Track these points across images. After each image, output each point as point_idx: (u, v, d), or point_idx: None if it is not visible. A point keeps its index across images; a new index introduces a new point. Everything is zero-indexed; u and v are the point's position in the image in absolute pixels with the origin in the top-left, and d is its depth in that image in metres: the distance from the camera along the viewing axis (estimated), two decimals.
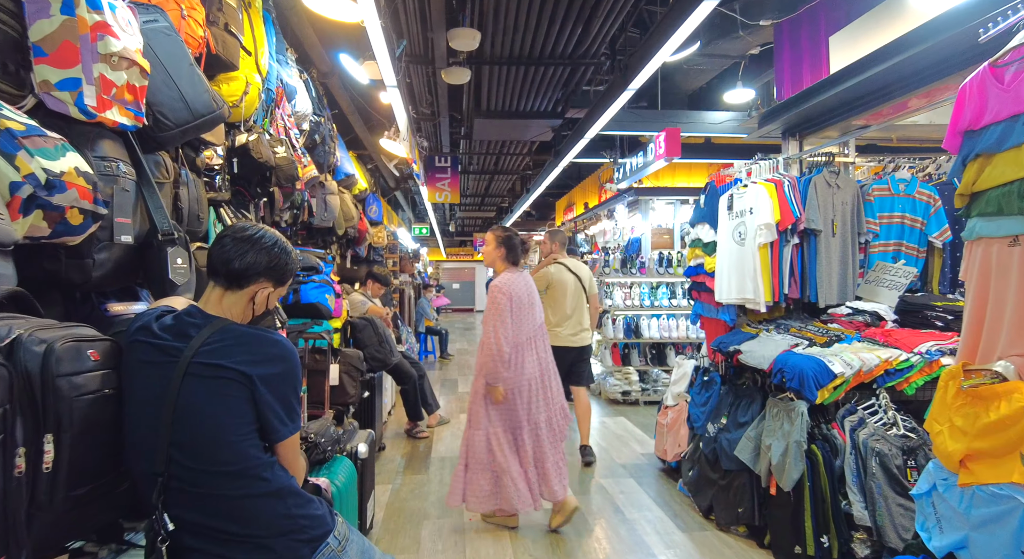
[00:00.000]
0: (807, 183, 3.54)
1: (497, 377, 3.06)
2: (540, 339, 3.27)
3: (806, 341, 3.14)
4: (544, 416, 3.21)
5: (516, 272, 3.24)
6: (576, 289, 4.55)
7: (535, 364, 3.19)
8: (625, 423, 5.76)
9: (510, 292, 3.09)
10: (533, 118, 6.42)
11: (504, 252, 3.25)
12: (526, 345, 3.16)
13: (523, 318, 3.14)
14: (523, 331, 3.14)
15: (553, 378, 3.32)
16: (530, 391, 3.15)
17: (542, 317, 3.35)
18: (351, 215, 5.67)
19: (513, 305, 3.08)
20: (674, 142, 5.00)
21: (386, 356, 4.48)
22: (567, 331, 4.50)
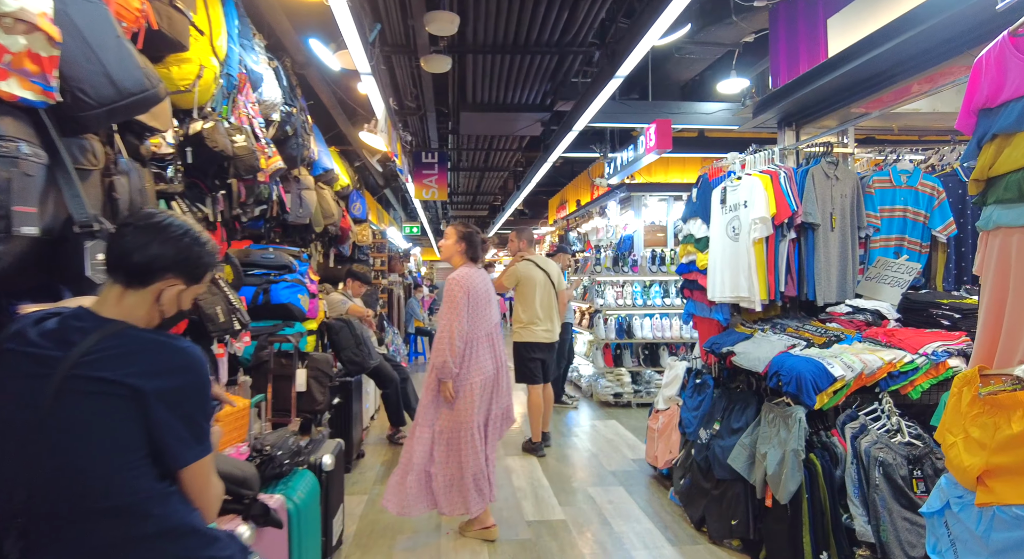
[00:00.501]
0: (804, 174, 3.36)
1: (448, 373, 2.98)
2: (496, 337, 3.23)
3: (804, 342, 2.96)
4: (495, 414, 3.20)
5: (474, 268, 3.20)
6: (545, 285, 4.66)
7: (490, 361, 3.15)
8: (616, 427, 5.57)
9: (468, 287, 3.05)
10: (521, 111, 6.22)
11: (464, 247, 3.21)
12: (482, 341, 3.11)
13: (480, 314, 3.09)
14: (480, 327, 3.09)
15: (505, 377, 3.29)
16: (483, 388, 3.09)
17: (499, 316, 3.31)
18: (331, 212, 5.46)
19: (470, 300, 3.04)
20: (665, 134, 4.81)
21: (364, 359, 4.28)
22: (540, 327, 4.63)
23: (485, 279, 3.24)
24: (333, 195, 5.91)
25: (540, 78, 5.48)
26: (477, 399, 3.05)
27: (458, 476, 3.01)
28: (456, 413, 3.04)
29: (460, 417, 3.04)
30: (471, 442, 3.04)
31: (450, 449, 3.03)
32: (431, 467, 3.04)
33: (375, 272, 9.78)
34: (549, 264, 4.79)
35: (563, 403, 6.53)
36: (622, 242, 7.84)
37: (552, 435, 5.29)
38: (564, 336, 6.59)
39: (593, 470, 4.29)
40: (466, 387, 3.04)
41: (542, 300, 4.63)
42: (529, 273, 4.65)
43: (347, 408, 4.21)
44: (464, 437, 3.03)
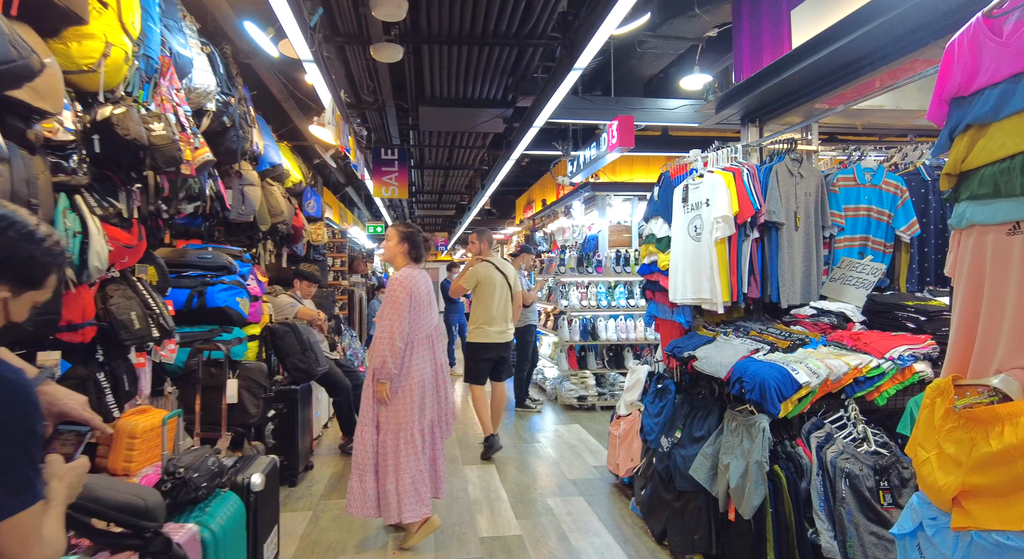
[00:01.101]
0: (768, 172, 3.25)
1: (387, 374, 2.92)
2: (437, 339, 3.20)
3: (767, 346, 2.83)
4: (436, 416, 3.17)
5: (417, 269, 3.16)
6: (503, 287, 4.73)
7: (430, 364, 3.11)
8: (579, 431, 5.42)
9: (410, 287, 3.01)
10: (482, 107, 6.02)
11: (406, 248, 3.16)
12: (423, 344, 3.07)
13: (421, 316, 3.06)
14: (421, 329, 3.06)
15: (447, 380, 3.28)
16: (423, 391, 3.05)
17: (437, 318, 3.29)
18: (280, 209, 5.18)
19: (412, 301, 3.00)
20: (627, 131, 4.68)
21: (311, 366, 4.03)
22: (495, 328, 4.69)
23: (427, 281, 3.19)
24: (284, 192, 5.62)
25: (500, 72, 5.30)
26: (416, 401, 3.01)
27: (394, 480, 2.93)
28: (394, 415, 2.98)
29: (398, 419, 2.97)
30: (410, 445, 2.97)
31: (387, 452, 2.96)
32: (372, 466, 3.00)
33: (334, 273, 9.47)
34: (507, 266, 4.86)
35: (527, 407, 6.36)
36: (587, 242, 7.72)
37: (514, 441, 5.11)
38: (528, 338, 6.44)
39: (553, 479, 4.12)
40: (404, 389, 2.99)
41: (499, 302, 4.69)
42: (488, 275, 4.69)
43: (292, 418, 3.96)
44: (403, 439, 2.97)
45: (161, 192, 2.64)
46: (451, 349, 8.97)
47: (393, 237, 3.18)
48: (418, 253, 3.18)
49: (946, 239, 3.39)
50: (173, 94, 2.79)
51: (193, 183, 3.08)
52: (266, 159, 4.76)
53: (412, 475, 2.94)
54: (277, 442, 3.92)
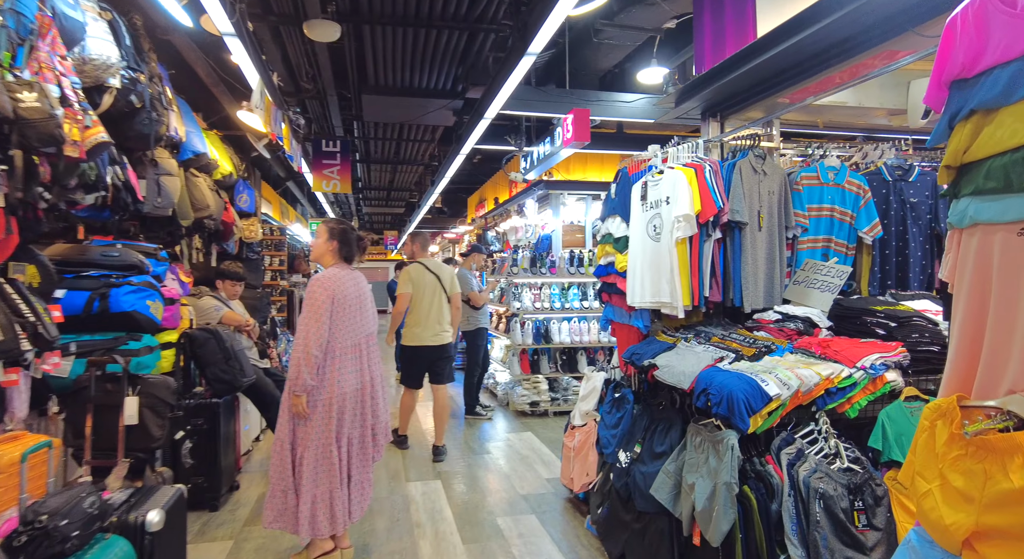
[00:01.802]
0: (731, 168, 3.07)
1: (303, 385, 2.64)
2: (368, 349, 2.92)
3: (732, 353, 2.65)
4: (358, 433, 2.88)
5: (347, 269, 2.90)
6: (435, 288, 4.69)
7: (355, 376, 2.82)
8: (532, 440, 5.18)
9: (333, 290, 2.73)
10: (430, 97, 5.70)
11: (336, 246, 2.91)
12: (348, 353, 2.79)
13: (348, 321, 2.79)
14: (346, 336, 2.78)
15: (379, 395, 3.00)
16: (343, 405, 2.77)
17: (374, 325, 3.01)
18: (205, 203, 4.73)
19: (336, 305, 2.73)
20: (583, 125, 4.46)
21: (235, 376, 3.64)
22: (427, 331, 4.65)
23: (359, 283, 2.92)
24: (211, 184, 5.15)
25: (449, 60, 5.00)
26: (335, 416, 2.73)
27: (309, 499, 2.68)
28: (310, 430, 2.71)
29: (314, 435, 2.71)
30: (325, 462, 2.72)
31: (304, 469, 2.69)
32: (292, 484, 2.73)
33: (272, 272, 8.94)
34: (441, 268, 4.83)
35: (477, 415, 6.08)
36: (540, 242, 7.50)
37: (463, 452, 4.83)
38: (478, 342, 6.17)
39: (504, 495, 3.85)
40: (323, 402, 2.72)
41: (432, 304, 4.67)
42: (420, 277, 4.67)
43: (213, 434, 3.56)
44: (320, 456, 2.71)
45: (37, 177, 2.22)
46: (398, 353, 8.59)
47: (322, 234, 2.91)
48: (349, 252, 2.92)
49: (906, 241, 3.32)
50: (56, 62, 2.37)
51: (88, 169, 2.67)
52: (189, 147, 4.31)
53: (325, 493, 2.70)
54: (196, 462, 3.52)
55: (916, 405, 2.43)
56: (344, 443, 2.78)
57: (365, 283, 2.97)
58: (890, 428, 2.33)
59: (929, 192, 3.30)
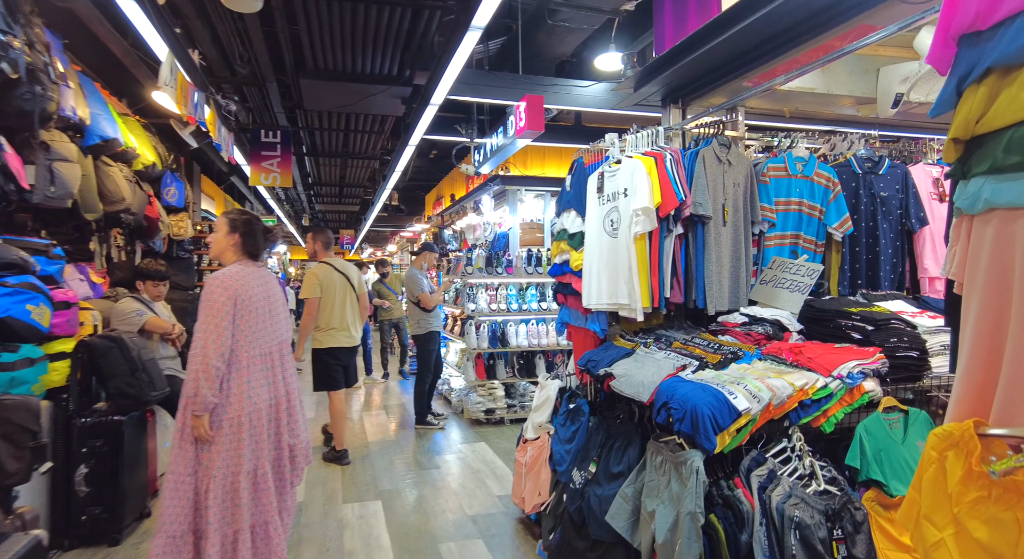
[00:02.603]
0: (693, 157, 2.83)
1: (203, 403, 2.27)
2: (281, 358, 2.57)
3: (695, 361, 2.40)
4: (273, 456, 2.50)
5: (252, 266, 2.54)
6: (344, 288, 4.59)
7: (267, 389, 2.47)
8: (485, 452, 4.87)
9: (235, 290, 2.38)
10: (376, 83, 5.34)
11: (239, 240, 2.55)
12: (257, 363, 2.44)
13: (255, 326, 2.44)
14: (254, 343, 2.43)
15: (297, 410, 2.64)
16: (254, 423, 2.39)
17: (288, 331, 2.67)
18: (119, 195, 4.27)
19: (240, 307, 2.38)
20: (537, 113, 4.18)
21: (142, 390, 3.22)
22: (340, 332, 4.55)
23: (267, 282, 2.56)
24: (130, 175, 4.69)
25: (393, 42, 4.66)
26: (245, 437, 2.35)
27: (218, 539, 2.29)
28: (214, 456, 2.32)
29: (221, 462, 2.32)
30: (239, 493, 2.33)
31: (209, 504, 2.30)
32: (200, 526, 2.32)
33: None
34: (349, 268, 4.73)
35: (428, 424, 5.73)
36: (496, 240, 7.20)
37: (409, 467, 4.49)
38: (430, 346, 5.83)
39: (450, 516, 3.53)
40: (229, 422, 2.34)
41: (341, 305, 4.55)
42: (328, 277, 4.53)
43: (114, 457, 3.13)
44: (230, 486, 2.33)
45: None
46: None
47: (222, 227, 2.54)
48: (255, 246, 2.56)
49: (877, 237, 3.14)
50: None
51: None
52: (95, 131, 3.85)
53: (244, 529, 2.33)
54: (93, 490, 3.10)
55: (895, 416, 2.22)
56: (259, 470, 2.41)
57: (275, 282, 2.62)
58: (868, 443, 2.11)
59: (900, 186, 3.13)
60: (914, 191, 3.13)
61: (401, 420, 6.10)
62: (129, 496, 3.23)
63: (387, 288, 8.49)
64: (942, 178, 3.24)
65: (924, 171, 3.24)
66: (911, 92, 2.78)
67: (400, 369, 8.65)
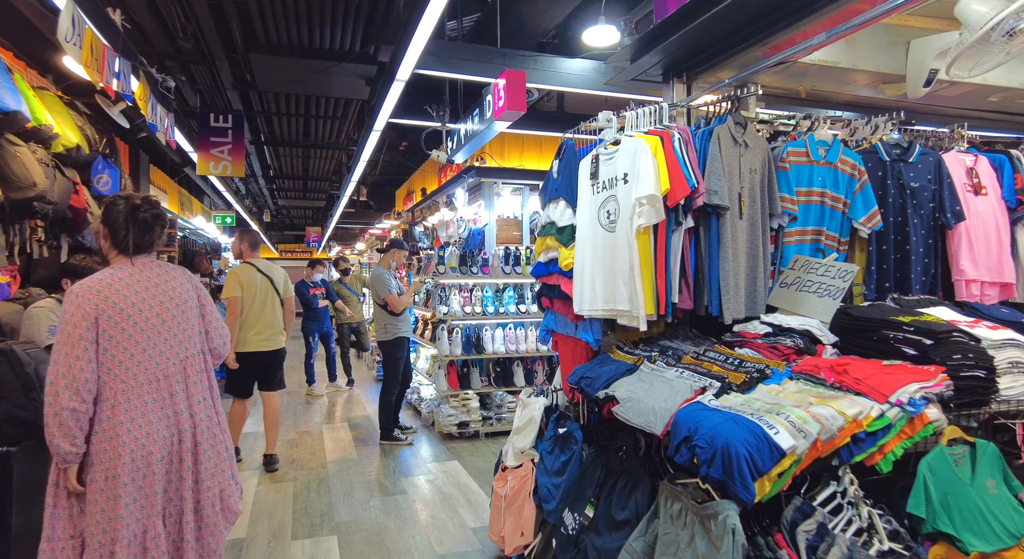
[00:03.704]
0: (706, 137, 2.44)
1: (62, 456, 1.82)
2: (185, 379, 2.08)
3: (715, 380, 2.00)
4: (175, 509, 2.01)
5: (135, 266, 2.04)
6: (265, 289, 4.50)
7: (162, 423, 1.99)
8: (458, 473, 4.42)
9: (95, 305, 1.90)
10: (334, 59, 4.84)
11: (106, 232, 2.05)
12: (145, 392, 1.95)
13: (139, 345, 1.96)
14: (139, 368, 1.95)
15: (208, 445, 2.11)
16: (138, 474, 1.91)
17: (198, 343, 2.17)
18: (29, 181, 3.74)
19: (107, 325, 1.91)
20: (518, 91, 3.74)
21: (37, 413, 2.67)
22: (257, 336, 4.45)
23: (162, 284, 2.08)
24: (46, 158, 4.12)
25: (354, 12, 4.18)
26: (128, 493, 1.87)
27: None
28: (88, 521, 1.86)
29: (93, 525, 1.85)
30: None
31: None
32: None
33: None
34: (272, 268, 4.64)
35: (395, 440, 5.26)
36: (471, 237, 6.75)
37: (370, 492, 4.02)
38: (397, 353, 5.35)
39: (415, 555, 3.08)
40: (103, 474, 1.86)
41: (264, 307, 4.46)
42: (249, 278, 4.43)
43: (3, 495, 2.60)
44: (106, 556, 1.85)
45: None
46: (309, 364, 7.64)
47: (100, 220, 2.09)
48: (134, 237, 2.02)
49: (907, 234, 2.78)
50: None
51: None
52: None
53: None
54: None
55: (960, 451, 1.85)
56: (160, 529, 1.94)
57: (180, 281, 2.14)
58: (934, 486, 1.73)
59: (932, 175, 2.78)
60: (948, 182, 2.79)
61: (365, 435, 5.61)
62: (21, 540, 2.70)
63: (347, 289, 7.97)
64: (976, 167, 2.90)
65: (957, 160, 2.89)
66: (951, 67, 2.43)
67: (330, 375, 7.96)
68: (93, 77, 2.85)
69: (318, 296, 7.64)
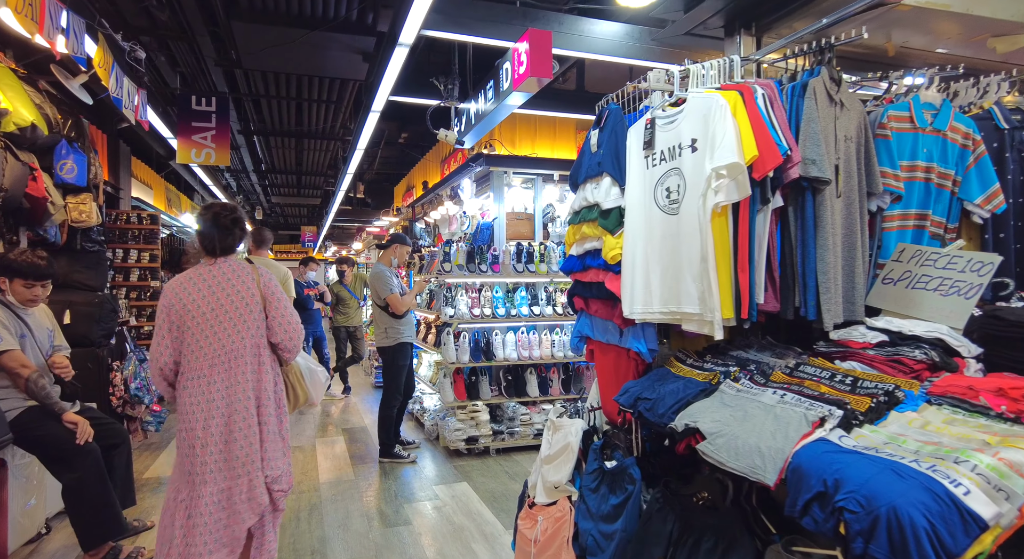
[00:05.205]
0: (798, 91, 1.96)
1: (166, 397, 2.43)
2: (229, 371, 2.35)
3: (829, 407, 1.51)
4: (218, 488, 2.31)
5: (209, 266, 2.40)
6: None
7: (200, 410, 2.31)
8: (469, 497, 3.93)
9: (169, 301, 2.33)
10: (331, 31, 4.35)
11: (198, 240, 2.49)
12: (198, 380, 2.33)
13: (196, 338, 2.34)
14: (196, 357, 2.33)
15: (242, 434, 2.34)
16: (193, 445, 2.30)
17: (247, 339, 2.39)
18: None
19: (173, 319, 2.33)
20: (544, 55, 3.23)
21: None
22: None
23: (216, 283, 2.37)
24: None
25: None
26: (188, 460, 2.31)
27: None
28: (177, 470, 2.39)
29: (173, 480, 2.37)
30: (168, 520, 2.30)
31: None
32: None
33: (140, 271, 7.30)
34: (273, 267, 4.35)
35: (396, 457, 4.77)
36: (479, 232, 6.26)
37: (371, 523, 3.53)
38: (400, 361, 4.86)
39: None
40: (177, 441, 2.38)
41: None
42: None
43: None
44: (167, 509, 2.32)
45: None
46: None
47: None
48: (210, 243, 2.42)
49: None
50: None
51: None
52: None
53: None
54: None
55: None
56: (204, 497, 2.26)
57: (240, 281, 2.40)
58: None
59: None
60: None
61: (363, 450, 5.12)
62: None
63: (346, 290, 7.48)
64: None
65: None
66: None
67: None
68: (27, 26, 2.36)
69: (312, 297, 7.17)
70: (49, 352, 3.27)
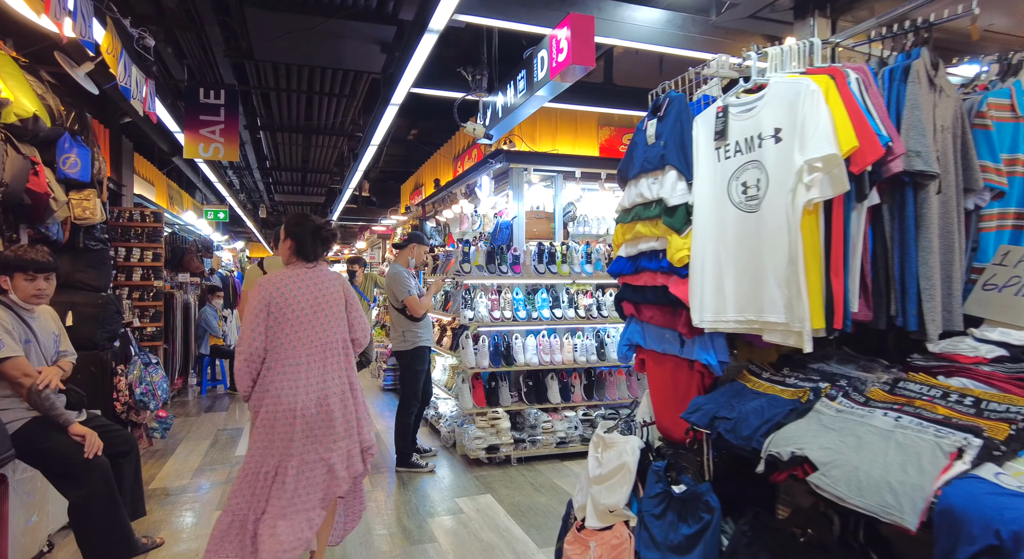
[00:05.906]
0: (898, 75, 1.76)
1: (242, 388, 2.62)
2: (325, 361, 2.70)
3: (964, 435, 1.31)
4: (315, 457, 2.62)
5: (302, 268, 2.75)
6: None
7: (301, 393, 2.60)
8: (495, 510, 3.74)
9: (269, 294, 2.62)
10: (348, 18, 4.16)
11: (291, 244, 2.77)
12: (295, 366, 2.61)
13: (292, 331, 2.62)
14: (294, 346, 2.62)
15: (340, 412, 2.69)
16: (285, 426, 2.56)
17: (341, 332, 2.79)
18: None
19: (274, 310, 2.61)
20: (586, 41, 3.03)
21: None
22: None
23: (316, 284, 2.73)
24: None
25: None
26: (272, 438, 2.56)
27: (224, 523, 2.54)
28: (250, 449, 2.63)
29: (251, 454, 2.60)
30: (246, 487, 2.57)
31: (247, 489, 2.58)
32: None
33: (142, 270, 7.09)
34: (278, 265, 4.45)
35: (414, 467, 4.58)
36: (499, 231, 6.06)
37: (392, 538, 3.34)
38: (417, 366, 4.67)
39: None
40: (263, 420, 2.58)
41: None
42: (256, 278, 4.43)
43: None
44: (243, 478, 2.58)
45: None
46: None
47: (282, 234, 2.82)
48: (303, 249, 2.76)
49: None
50: None
51: None
52: None
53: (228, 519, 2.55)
54: None
55: None
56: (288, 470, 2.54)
57: (331, 283, 2.78)
58: None
59: None
60: None
61: (378, 459, 4.93)
62: None
63: (356, 291, 7.28)
64: None
65: None
66: None
67: None
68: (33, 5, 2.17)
69: None
70: (54, 358, 3.09)
